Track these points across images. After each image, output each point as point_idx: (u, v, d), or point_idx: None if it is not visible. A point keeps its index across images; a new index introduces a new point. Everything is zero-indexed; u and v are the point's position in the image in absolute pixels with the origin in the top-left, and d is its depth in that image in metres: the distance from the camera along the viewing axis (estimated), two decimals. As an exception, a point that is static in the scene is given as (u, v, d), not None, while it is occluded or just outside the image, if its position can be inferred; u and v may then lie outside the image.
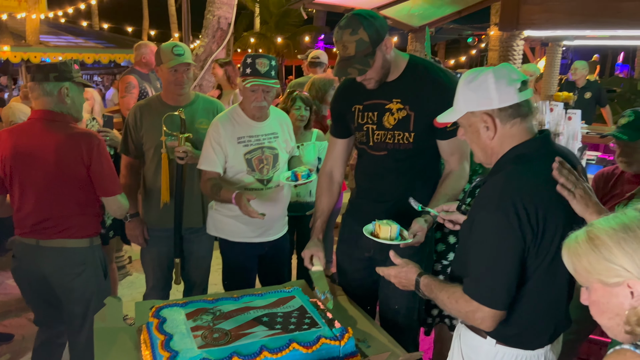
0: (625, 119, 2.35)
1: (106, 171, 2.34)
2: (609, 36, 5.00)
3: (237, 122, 2.54)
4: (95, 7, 18.63)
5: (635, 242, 1.02)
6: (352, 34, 1.88)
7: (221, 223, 2.66)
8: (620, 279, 1.03)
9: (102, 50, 11.29)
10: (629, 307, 1.03)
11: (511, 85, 1.44)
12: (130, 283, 4.10)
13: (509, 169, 1.46)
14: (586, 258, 1.07)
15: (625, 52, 14.96)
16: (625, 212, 1.08)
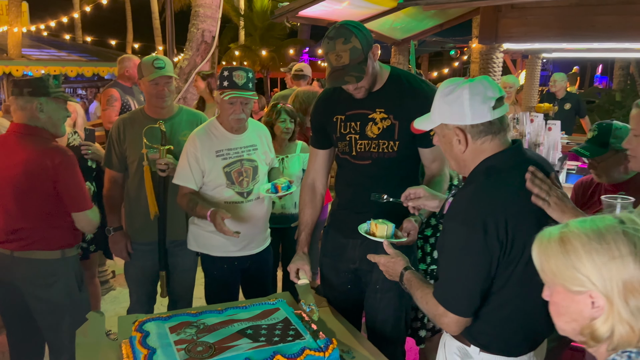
0: (591, 133, 2.37)
1: (74, 187, 2.34)
2: (585, 49, 5.13)
3: (214, 136, 2.53)
4: (78, 21, 18.56)
5: (606, 254, 1.00)
6: (345, 42, 1.91)
7: (202, 237, 2.63)
8: (584, 288, 1.02)
9: (86, 64, 11.23)
10: (587, 316, 1.03)
11: (485, 103, 1.46)
12: (114, 298, 4.05)
13: (480, 181, 1.49)
14: (554, 260, 1.06)
15: (604, 64, 15.30)
16: (604, 217, 1.06)
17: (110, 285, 4.19)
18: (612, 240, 1.01)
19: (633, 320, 0.99)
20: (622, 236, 1.01)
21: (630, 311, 0.99)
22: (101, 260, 4.09)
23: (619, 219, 1.04)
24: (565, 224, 1.09)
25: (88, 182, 3.14)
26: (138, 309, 2.84)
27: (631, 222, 1.03)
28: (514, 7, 3.85)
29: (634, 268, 0.99)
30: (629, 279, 0.99)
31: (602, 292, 1.00)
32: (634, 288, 0.98)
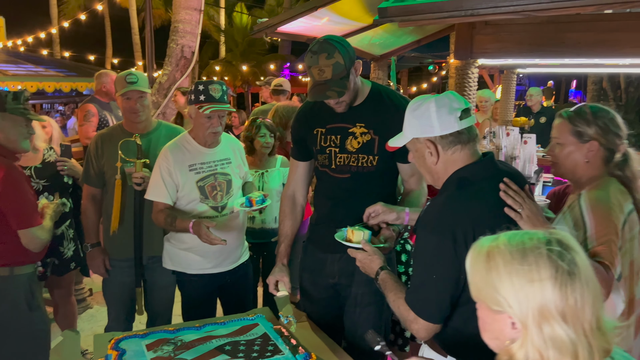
0: None
1: (17, 203, 2.27)
2: (558, 64, 5.27)
3: (187, 150, 2.50)
4: (56, 36, 18.42)
5: (525, 277, 0.97)
6: (328, 57, 1.93)
7: (176, 256, 2.59)
8: (502, 309, 1.00)
9: (63, 79, 11.10)
10: (508, 336, 1.00)
11: (451, 114, 1.51)
12: (91, 316, 3.98)
13: (451, 191, 1.53)
14: (479, 276, 1.04)
15: (577, 79, 15.67)
16: (535, 234, 1.03)
17: (87, 304, 4.11)
18: (534, 262, 0.97)
19: (544, 348, 0.96)
20: (545, 259, 0.97)
21: (543, 338, 0.95)
22: (78, 278, 4.01)
23: (547, 239, 1.01)
24: (497, 236, 1.06)
25: (64, 198, 3.11)
26: (116, 326, 2.79)
27: (558, 244, 0.99)
28: (487, 24, 3.95)
29: (551, 293, 0.95)
30: (545, 305, 0.95)
31: (517, 316, 0.98)
32: (550, 314, 0.95)
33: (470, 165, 1.54)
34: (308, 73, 2.04)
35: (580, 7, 2.54)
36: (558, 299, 0.95)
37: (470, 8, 2.74)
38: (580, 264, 0.98)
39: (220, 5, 18.81)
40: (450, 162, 1.55)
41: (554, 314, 0.95)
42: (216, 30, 18.81)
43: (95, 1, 17.75)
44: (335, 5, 4.51)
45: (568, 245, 1.00)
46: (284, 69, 16.62)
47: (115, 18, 21.03)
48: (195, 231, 2.31)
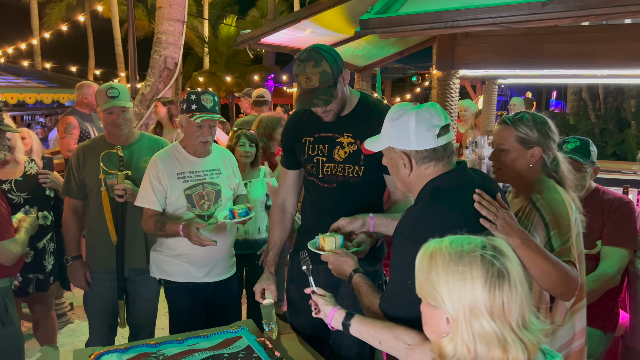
0: (572, 144, 2.46)
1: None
2: (538, 75, 5.37)
3: (177, 159, 2.52)
4: (37, 47, 18.23)
5: (459, 277, 1.07)
6: (315, 66, 1.93)
7: (164, 263, 2.58)
8: (438, 305, 1.10)
9: (45, 90, 10.98)
10: (443, 330, 1.11)
11: (430, 131, 1.51)
12: (72, 331, 3.90)
13: (426, 201, 1.54)
14: (421, 273, 1.15)
15: (558, 89, 15.96)
16: (473, 239, 1.13)
17: (68, 318, 4.04)
18: (468, 264, 1.07)
19: (472, 343, 1.06)
20: (478, 261, 1.07)
21: (472, 334, 1.06)
22: (58, 292, 3.94)
23: (483, 244, 1.11)
24: (442, 239, 1.16)
25: (45, 212, 3.06)
26: (97, 341, 2.74)
27: (492, 249, 1.10)
28: (468, 36, 4.02)
29: (481, 293, 1.05)
30: (475, 303, 1.05)
31: (450, 312, 1.08)
32: (479, 312, 1.05)
33: (444, 174, 1.55)
34: (296, 81, 2.04)
35: (558, 20, 2.60)
36: (487, 298, 1.05)
37: (449, 20, 2.78)
38: (510, 268, 1.08)
39: (204, 16, 18.84)
40: (423, 176, 1.56)
41: (482, 312, 1.05)
42: (200, 41, 18.81)
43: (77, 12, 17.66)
44: (318, 16, 4.54)
45: (501, 251, 1.10)
46: (268, 80, 16.67)
47: (98, 29, 20.92)
48: (185, 233, 2.31)
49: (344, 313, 1.59)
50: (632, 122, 8.85)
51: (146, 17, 19.16)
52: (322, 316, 1.65)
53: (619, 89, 9.15)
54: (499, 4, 2.74)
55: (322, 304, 1.65)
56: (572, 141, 2.48)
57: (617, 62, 3.69)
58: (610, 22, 3.71)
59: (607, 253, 2.38)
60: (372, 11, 3.06)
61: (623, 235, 2.37)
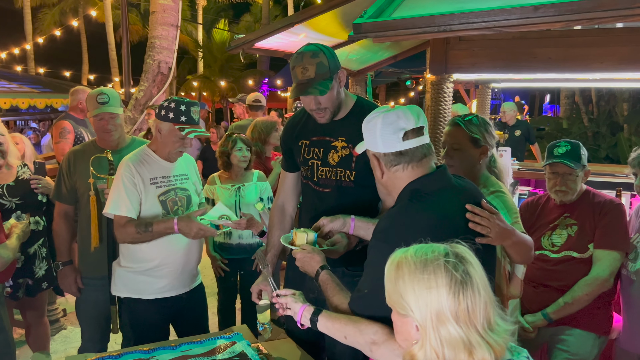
0: (562, 148, 2.47)
1: None
2: (531, 79, 5.40)
3: (147, 163, 2.42)
4: (31, 52, 18.17)
5: (424, 285, 1.10)
6: (313, 56, 1.93)
7: (131, 281, 2.44)
8: (407, 313, 1.13)
9: (38, 95, 10.93)
10: (414, 337, 1.13)
11: (394, 134, 1.51)
12: (64, 337, 3.87)
13: (403, 203, 1.54)
14: (390, 283, 1.17)
15: (551, 93, 16.06)
16: (437, 247, 1.16)
17: (61, 324, 4.00)
18: (432, 272, 1.11)
19: (439, 348, 1.09)
20: (442, 268, 1.11)
21: (439, 339, 1.09)
22: (51, 298, 3.92)
23: (446, 252, 1.15)
24: (408, 248, 1.19)
25: (37, 217, 3.04)
26: (90, 347, 2.73)
27: (454, 256, 1.14)
28: (461, 40, 4.03)
29: (446, 299, 1.09)
30: (441, 310, 1.09)
31: (418, 320, 1.11)
32: (445, 318, 1.09)
33: (423, 177, 1.54)
34: (292, 75, 2.00)
35: (550, 23, 2.61)
36: (452, 304, 1.08)
37: (442, 24, 2.79)
38: (473, 274, 1.12)
39: (198, 21, 18.86)
40: (395, 179, 1.56)
41: (448, 317, 1.08)
42: (195, 46, 18.80)
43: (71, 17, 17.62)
44: (311, 21, 4.55)
45: (463, 258, 1.14)
46: (263, 84, 16.69)
47: (92, 34, 20.90)
48: (183, 227, 2.24)
49: (312, 309, 1.61)
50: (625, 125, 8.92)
51: (140, 22, 19.15)
52: (292, 314, 1.66)
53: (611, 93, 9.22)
54: (491, 8, 2.75)
55: (291, 301, 1.66)
56: (563, 145, 2.49)
57: (609, 66, 3.72)
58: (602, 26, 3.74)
59: (599, 256, 2.38)
60: (365, 15, 3.07)
61: (614, 238, 2.38)
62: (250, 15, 20.91)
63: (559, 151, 2.47)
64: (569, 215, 2.50)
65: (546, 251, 2.50)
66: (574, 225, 2.47)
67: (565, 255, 2.45)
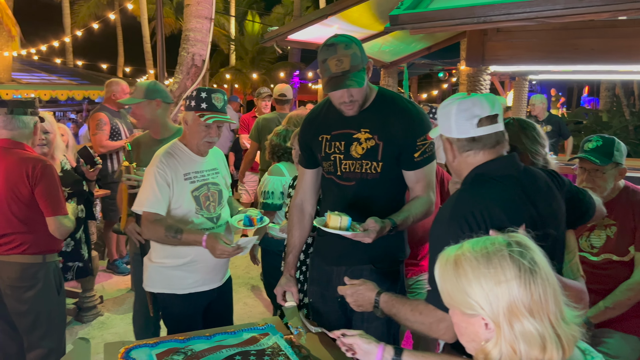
0: (593, 143, 2.36)
1: (48, 193, 2.51)
2: (571, 71, 5.23)
3: (180, 158, 2.38)
4: (69, 45, 18.63)
5: (492, 280, 1.05)
6: (346, 48, 1.88)
7: (164, 276, 2.41)
8: (475, 312, 1.08)
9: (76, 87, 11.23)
10: (483, 337, 1.08)
11: (469, 120, 1.52)
12: (101, 324, 3.98)
13: (466, 187, 1.56)
14: (449, 284, 1.11)
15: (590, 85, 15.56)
16: (495, 239, 1.11)
17: (98, 311, 4.12)
18: (498, 265, 1.06)
19: (515, 343, 1.04)
20: (507, 260, 1.06)
21: (514, 334, 1.04)
22: (89, 285, 4.03)
23: (507, 242, 1.09)
24: (461, 244, 1.13)
25: (82, 205, 3.25)
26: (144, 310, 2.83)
27: (517, 245, 1.08)
28: (499, 31, 3.93)
29: (517, 292, 1.04)
30: (513, 303, 1.04)
31: (489, 316, 1.06)
32: (518, 311, 1.04)
33: (489, 162, 1.55)
34: (322, 68, 1.94)
35: (595, 14, 2.50)
36: (524, 296, 1.04)
37: (482, 15, 2.71)
38: (539, 261, 1.07)
39: (230, 13, 18.97)
40: (466, 163, 1.58)
41: (522, 310, 1.04)
42: (226, 39, 18.92)
43: (106, 9, 17.97)
44: (345, 12, 4.52)
45: (526, 245, 1.09)
46: (294, 76, 16.69)
47: (126, 26, 21.27)
48: (209, 245, 2.17)
49: (392, 350, 1.47)
50: (669, 119, 8.57)
51: (173, 15, 19.38)
52: (363, 355, 1.50)
53: (655, 85, 8.86)
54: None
55: (363, 343, 1.50)
56: (595, 140, 2.37)
57: (655, 58, 3.57)
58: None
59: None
60: (402, 7, 3.01)
61: None
62: (282, 7, 20.91)
63: (589, 146, 2.37)
64: (607, 214, 2.40)
65: (585, 253, 2.41)
66: (613, 226, 2.37)
67: (604, 258, 2.36)
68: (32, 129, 2.61)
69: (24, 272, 2.52)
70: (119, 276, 4.94)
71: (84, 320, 3.95)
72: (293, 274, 2.24)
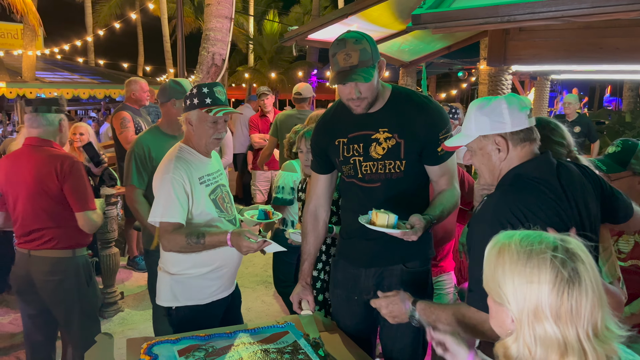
0: (614, 147, 2.31)
1: (77, 188, 2.57)
2: (594, 70, 5.14)
3: (192, 162, 2.25)
4: (91, 44, 18.92)
5: (525, 278, 1.03)
6: (356, 43, 1.85)
7: (188, 288, 2.27)
8: (503, 303, 1.08)
9: (98, 86, 11.41)
10: (507, 328, 1.08)
11: (522, 112, 1.54)
12: (122, 319, 4.03)
13: (505, 188, 1.54)
14: (489, 269, 1.11)
15: (613, 85, 15.27)
16: (546, 237, 1.08)
17: (119, 307, 4.18)
18: (536, 266, 1.03)
19: (532, 345, 1.03)
20: (547, 263, 1.03)
21: (534, 336, 1.03)
22: (110, 281, 4.09)
23: (555, 245, 1.05)
24: (514, 233, 1.11)
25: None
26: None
27: (564, 252, 1.04)
28: (522, 30, 3.88)
29: (547, 297, 1.01)
30: (540, 306, 1.02)
31: (514, 313, 1.06)
32: (543, 315, 1.02)
33: (526, 162, 1.55)
34: (331, 63, 1.92)
35: (623, 12, 2.45)
36: (554, 302, 1.01)
37: (506, 14, 2.67)
38: (583, 272, 1.02)
39: (249, 13, 19.05)
40: (517, 159, 1.56)
41: (547, 315, 1.01)
42: (244, 38, 19.01)
43: (129, 10, 18.19)
44: (365, 12, 4.50)
45: (574, 254, 1.04)
46: (312, 75, 16.71)
47: (146, 25, 21.51)
48: (235, 243, 2.09)
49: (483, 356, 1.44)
50: (695, 120, 8.37)
51: (193, 14, 19.54)
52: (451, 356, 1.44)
53: (681, 86, 8.66)
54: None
55: (453, 344, 1.43)
56: (616, 144, 2.31)
57: (682, 57, 3.48)
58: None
59: None
60: (425, 6, 2.99)
61: None
62: (300, 6, 20.94)
63: (609, 150, 2.31)
64: None
65: None
66: None
67: (632, 264, 2.31)
68: (58, 126, 2.65)
69: (54, 266, 2.61)
70: (140, 273, 5.00)
71: (105, 316, 4.01)
72: (309, 282, 2.22)
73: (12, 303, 4.12)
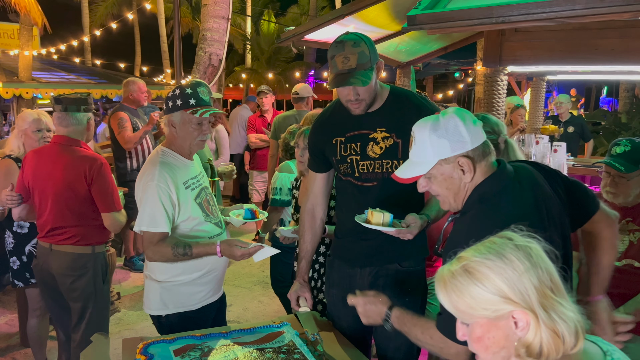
0: (621, 147, 2.28)
1: (104, 190, 2.63)
2: (590, 71, 5.17)
3: (175, 165, 2.19)
4: (88, 44, 18.87)
5: (515, 271, 1.03)
6: (354, 45, 1.86)
7: (177, 295, 2.23)
8: (504, 311, 1.03)
9: (94, 86, 11.38)
10: (514, 338, 1.04)
11: (477, 125, 1.47)
12: (118, 320, 4.03)
13: (474, 211, 1.46)
14: (468, 293, 1.05)
15: (609, 86, 15.33)
16: (494, 240, 1.10)
17: (115, 307, 4.17)
18: (513, 257, 1.05)
19: (553, 324, 1.02)
20: (518, 251, 1.06)
21: (549, 316, 1.02)
22: (106, 281, 4.09)
23: (507, 237, 1.09)
24: (458, 257, 1.09)
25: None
26: None
27: (516, 237, 1.09)
28: (517, 31, 3.90)
29: (538, 277, 1.04)
30: (539, 287, 1.03)
31: (524, 307, 1.03)
32: (545, 293, 1.03)
33: (488, 179, 1.48)
34: (330, 65, 1.93)
35: (617, 14, 2.46)
36: (545, 280, 1.04)
37: (501, 15, 2.69)
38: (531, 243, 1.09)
39: (247, 13, 19.05)
40: (481, 174, 1.49)
41: (547, 292, 1.04)
42: (242, 38, 19.01)
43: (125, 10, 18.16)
44: (362, 12, 4.51)
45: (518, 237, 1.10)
46: (309, 76, 16.71)
47: (143, 26, 21.46)
48: (226, 253, 2.10)
49: None
50: (690, 121, 8.41)
51: (190, 14, 19.51)
52: None
53: (676, 86, 8.70)
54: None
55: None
56: (624, 144, 2.29)
57: (677, 58, 3.50)
58: (670, 15, 3.52)
59: None
60: (420, 6, 3.00)
61: None
62: (297, 7, 20.95)
63: (616, 150, 2.29)
64: (632, 220, 2.35)
65: None
66: (637, 232, 2.32)
67: (626, 264, 2.32)
68: (85, 125, 2.71)
69: (74, 262, 2.67)
70: (136, 273, 5.00)
71: (101, 316, 4.01)
72: (306, 280, 2.23)
73: (7, 303, 4.12)
